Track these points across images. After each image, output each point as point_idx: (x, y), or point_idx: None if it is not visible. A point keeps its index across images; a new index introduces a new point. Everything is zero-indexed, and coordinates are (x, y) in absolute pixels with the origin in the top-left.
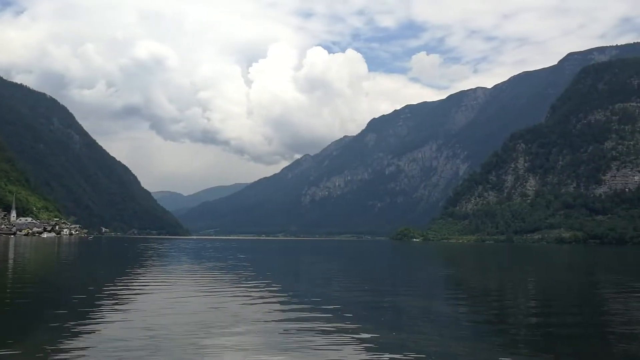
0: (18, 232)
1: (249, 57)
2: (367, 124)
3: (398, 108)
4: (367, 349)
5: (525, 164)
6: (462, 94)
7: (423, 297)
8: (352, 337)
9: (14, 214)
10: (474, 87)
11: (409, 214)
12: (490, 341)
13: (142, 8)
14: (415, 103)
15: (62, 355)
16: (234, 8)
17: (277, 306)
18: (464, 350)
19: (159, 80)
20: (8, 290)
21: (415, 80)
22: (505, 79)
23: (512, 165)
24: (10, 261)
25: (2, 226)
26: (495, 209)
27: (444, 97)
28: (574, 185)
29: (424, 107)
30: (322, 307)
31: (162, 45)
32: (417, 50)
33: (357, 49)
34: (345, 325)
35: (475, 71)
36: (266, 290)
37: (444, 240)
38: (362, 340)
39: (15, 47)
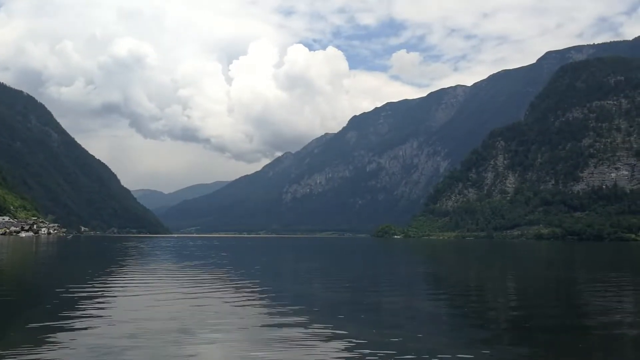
0: None
1: (230, 54)
2: (348, 122)
3: (379, 106)
4: (348, 347)
5: (505, 161)
6: (442, 91)
7: (404, 294)
8: (333, 335)
9: None
10: (454, 85)
11: (390, 211)
12: (470, 337)
13: (121, 5)
14: (395, 101)
15: (37, 358)
16: (215, 5)
17: (258, 304)
18: (444, 346)
19: (139, 77)
20: None
21: (395, 78)
22: (485, 77)
23: (492, 163)
24: None
25: None
26: (475, 205)
27: (424, 94)
28: (553, 182)
29: (404, 105)
30: (302, 305)
31: (141, 42)
32: (397, 48)
33: (338, 47)
34: (325, 323)
35: (455, 69)
36: (247, 289)
37: (425, 237)
38: (342, 338)
39: None
